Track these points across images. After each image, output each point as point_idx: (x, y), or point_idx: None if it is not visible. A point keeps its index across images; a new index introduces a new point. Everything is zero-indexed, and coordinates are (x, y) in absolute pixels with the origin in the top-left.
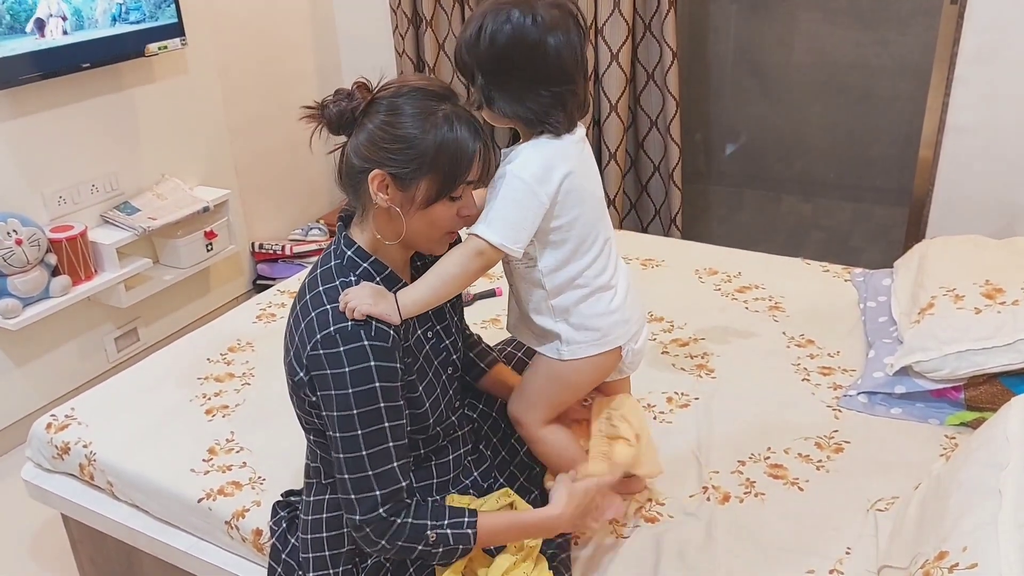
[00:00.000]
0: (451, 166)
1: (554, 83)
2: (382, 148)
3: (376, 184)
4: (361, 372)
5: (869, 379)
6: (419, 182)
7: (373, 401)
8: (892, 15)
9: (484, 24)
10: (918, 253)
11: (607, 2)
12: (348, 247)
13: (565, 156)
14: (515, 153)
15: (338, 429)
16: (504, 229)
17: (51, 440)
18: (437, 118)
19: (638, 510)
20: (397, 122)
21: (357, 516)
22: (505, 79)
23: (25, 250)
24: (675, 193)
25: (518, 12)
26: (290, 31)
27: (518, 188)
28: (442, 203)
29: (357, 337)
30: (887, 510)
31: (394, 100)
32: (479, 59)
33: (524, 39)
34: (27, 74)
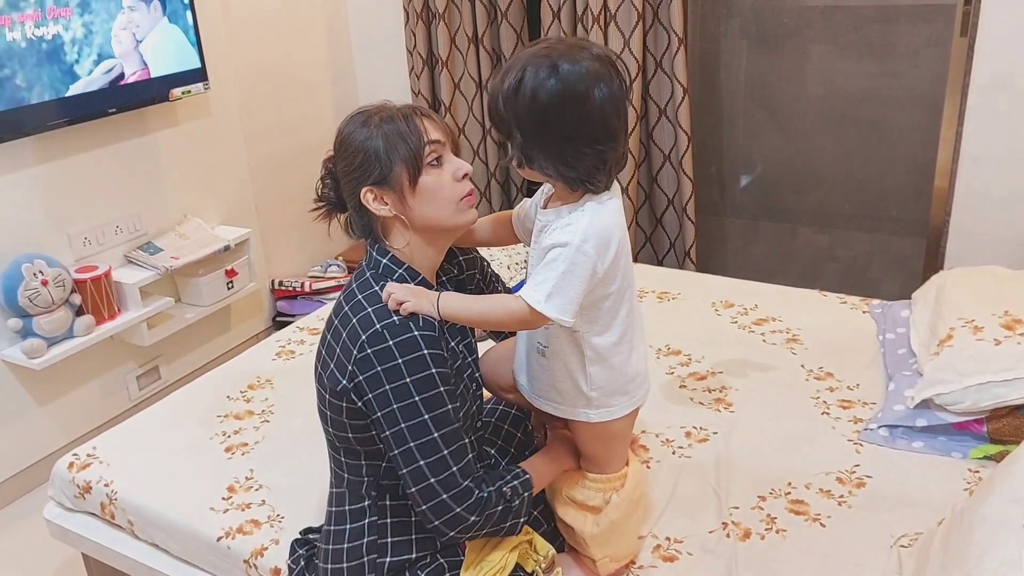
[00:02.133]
0: (407, 143)
1: (598, 141)
2: (351, 173)
3: (371, 200)
4: (415, 361)
5: (890, 412)
6: (393, 173)
7: (433, 386)
8: (903, 47)
9: (525, 76)
10: (936, 284)
11: (617, 38)
12: (382, 256)
13: (618, 227)
14: (571, 222)
15: (401, 420)
16: (564, 304)
17: (73, 479)
18: (372, 120)
19: (656, 548)
20: (346, 148)
21: (446, 496)
22: (547, 138)
23: (51, 291)
24: (688, 227)
25: (564, 64)
26: (309, 74)
27: (581, 264)
28: (425, 174)
29: (406, 328)
30: (911, 546)
31: (337, 140)
32: (518, 115)
33: (569, 95)
34: (55, 120)
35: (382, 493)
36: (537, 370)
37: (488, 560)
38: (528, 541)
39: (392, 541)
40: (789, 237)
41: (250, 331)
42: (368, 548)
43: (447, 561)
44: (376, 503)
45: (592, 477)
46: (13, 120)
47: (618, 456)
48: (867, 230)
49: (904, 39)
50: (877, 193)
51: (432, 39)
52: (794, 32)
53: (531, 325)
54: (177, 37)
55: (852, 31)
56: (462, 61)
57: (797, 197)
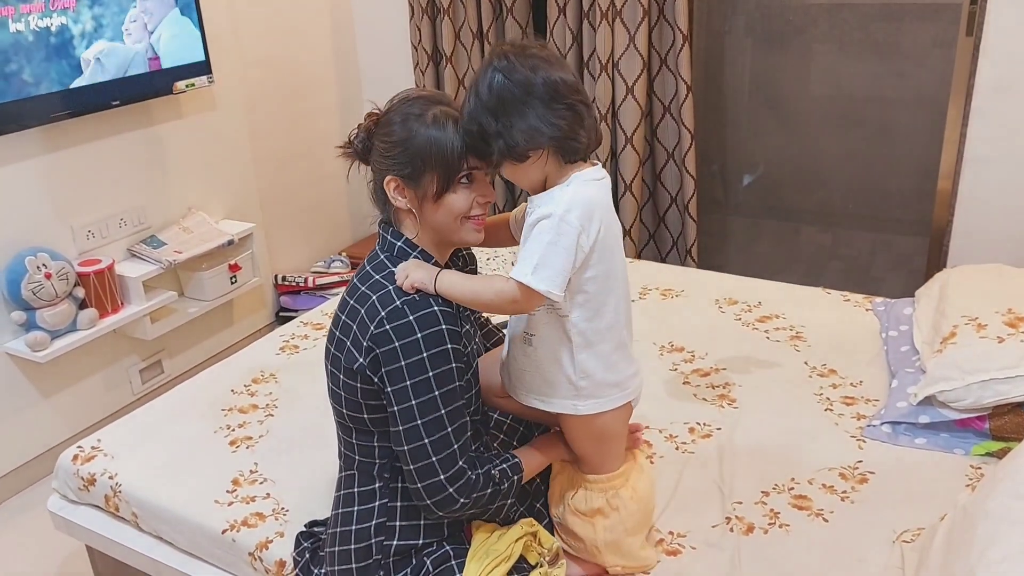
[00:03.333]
0: (446, 156)
1: (564, 95)
2: (386, 157)
3: (392, 189)
4: (433, 336)
5: (893, 409)
6: (424, 177)
7: (447, 362)
8: (908, 48)
9: (474, 89)
10: (939, 282)
11: (623, 36)
12: (396, 239)
13: (600, 203)
14: (554, 195)
15: (413, 396)
16: (551, 276)
17: (77, 472)
18: (425, 118)
19: (659, 543)
20: (391, 131)
21: (442, 476)
22: (520, 108)
23: (54, 284)
24: (691, 225)
25: (500, 60)
26: (314, 68)
27: (566, 233)
28: (453, 192)
29: (427, 304)
30: (913, 541)
31: (388, 114)
32: (487, 109)
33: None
34: (58, 112)
35: (394, 475)
36: (524, 363)
37: (493, 550)
38: (532, 534)
39: (401, 525)
40: (792, 236)
41: (253, 326)
42: (376, 530)
43: (453, 549)
44: (388, 485)
45: (591, 478)
46: (17, 112)
47: (613, 455)
48: (870, 229)
49: (909, 38)
50: (880, 193)
51: (437, 34)
52: (799, 30)
53: (521, 305)
54: (187, 29)
55: (857, 29)
56: (467, 57)
57: (800, 196)
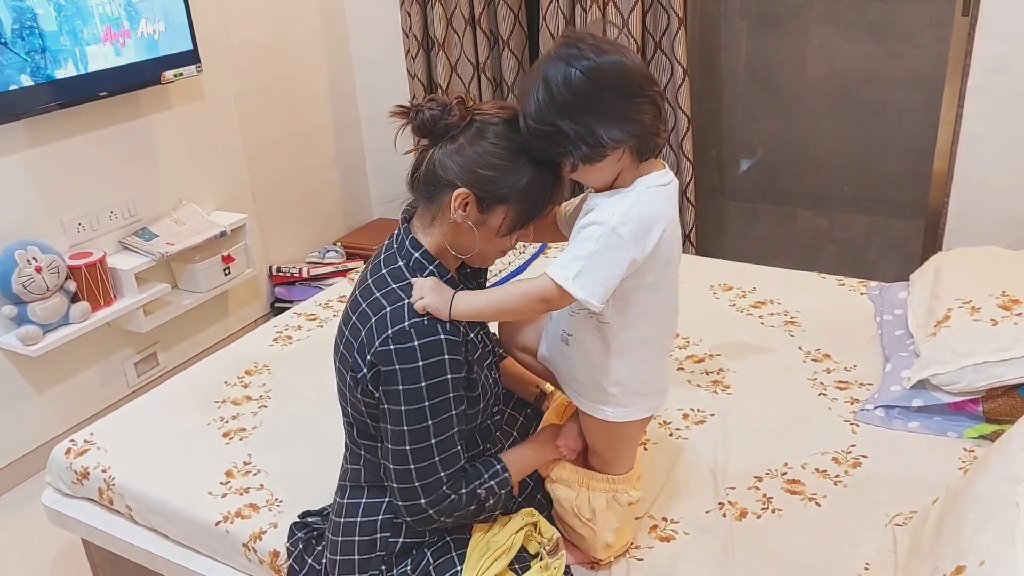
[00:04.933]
0: (532, 204)
1: (645, 87)
2: (474, 171)
3: (458, 202)
4: (435, 365)
5: (886, 393)
6: (498, 210)
7: (444, 392)
8: (903, 28)
9: (548, 79)
10: (934, 265)
11: (616, 18)
12: (415, 248)
13: (665, 216)
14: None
15: (405, 423)
16: (592, 285)
17: (71, 465)
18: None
19: (652, 528)
20: (496, 151)
21: (422, 500)
22: (601, 106)
23: (45, 277)
24: (688, 210)
25: (571, 50)
26: (305, 56)
27: (615, 247)
28: (511, 234)
29: (434, 331)
30: (905, 525)
31: (497, 128)
32: (563, 108)
33: (596, 66)
34: (45, 103)
35: None
36: (559, 357)
37: (494, 542)
38: (533, 524)
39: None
40: (788, 220)
41: (248, 317)
42: (383, 526)
43: (454, 540)
44: None
45: (598, 478)
46: (3, 103)
47: (625, 458)
48: (866, 212)
49: (905, 19)
50: (876, 175)
51: (428, 20)
52: (794, 12)
53: (552, 305)
54: (175, 17)
55: (853, 10)
56: (459, 43)
57: (796, 180)
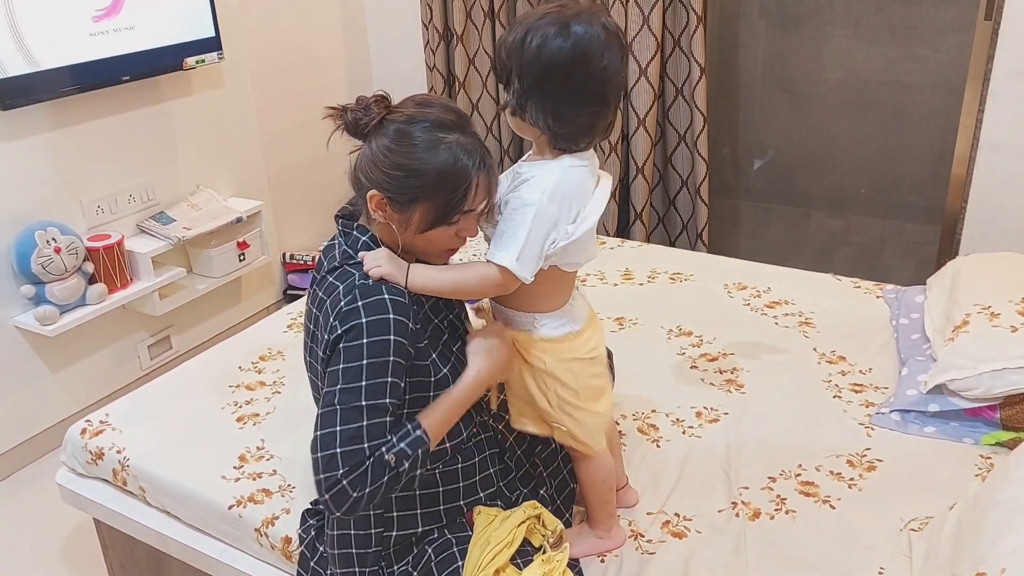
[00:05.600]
0: (448, 198)
1: (594, 104)
2: (383, 171)
3: (374, 203)
4: (378, 323)
5: (902, 397)
6: (415, 208)
7: (384, 353)
8: (924, 31)
9: (532, 32)
10: (952, 270)
11: (636, 18)
12: (363, 233)
13: (584, 186)
14: (537, 176)
15: (341, 380)
16: (530, 263)
17: (85, 445)
18: (439, 150)
19: (665, 524)
20: (400, 150)
21: (340, 471)
22: (545, 92)
23: (63, 258)
24: (702, 208)
25: (576, 26)
26: (323, 46)
27: (546, 221)
28: (439, 229)
29: (378, 291)
30: (921, 530)
31: (402, 127)
32: (521, 66)
33: (576, 57)
34: (68, 86)
35: None
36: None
37: (495, 536)
38: (536, 516)
39: (397, 515)
40: (802, 221)
41: (261, 303)
42: (375, 521)
43: (455, 536)
44: None
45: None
46: (26, 85)
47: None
48: (882, 215)
49: (926, 22)
50: (893, 179)
51: (448, 12)
52: (814, 12)
53: (505, 288)
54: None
55: (873, 12)
56: (477, 36)
57: (812, 181)
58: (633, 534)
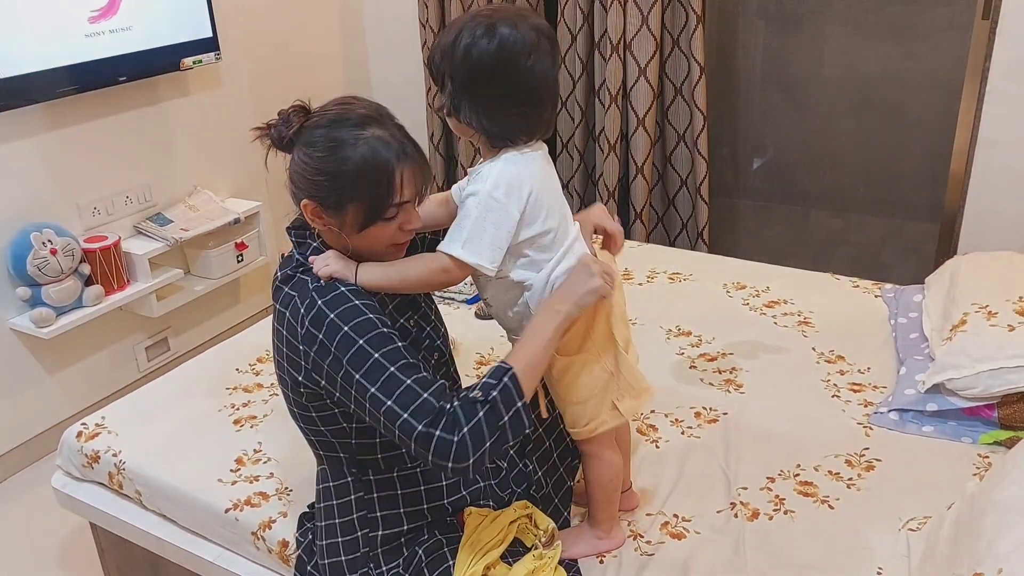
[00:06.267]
0: (374, 192)
1: (524, 104)
2: (306, 179)
3: (308, 212)
4: (348, 311)
5: (900, 396)
6: (346, 210)
7: (373, 328)
8: (923, 29)
9: (461, 34)
10: (950, 269)
11: (635, 17)
12: (313, 239)
13: (531, 176)
14: (482, 172)
15: (356, 370)
16: (480, 249)
17: (81, 449)
18: (356, 148)
19: (664, 525)
20: (318, 155)
21: (420, 427)
22: (476, 92)
23: (59, 260)
24: (702, 207)
25: (502, 28)
26: (321, 45)
27: (492, 208)
28: (377, 226)
29: (333, 287)
30: (919, 530)
31: (315, 131)
32: (452, 67)
33: (501, 57)
34: (64, 87)
35: (363, 469)
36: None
37: (486, 534)
38: (528, 516)
39: (381, 515)
40: (802, 220)
41: (259, 305)
42: (360, 523)
43: (445, 537)
44: (359, 478)
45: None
46: (22, 86)
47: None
48: (881, 214)
49: (924, 21)
50: (891, 177)
51: (445, 12)
52: (813, 11)
53: (452, 276)
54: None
55: (872, 11)
56: None
57: (811, 180)
58: (632, 535)
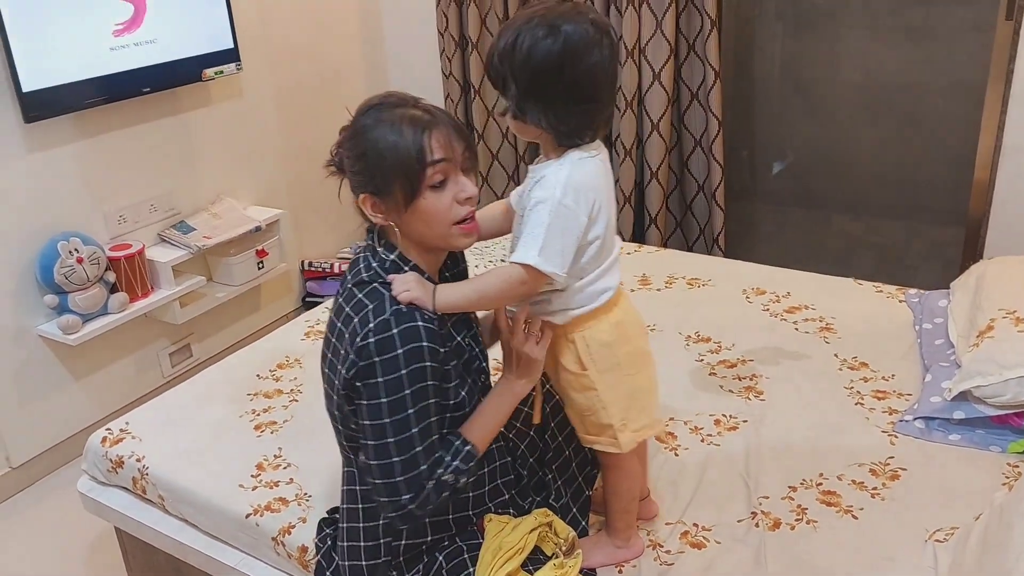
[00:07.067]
0: (406, 157)
1: (589, 99)
2: (353, 174)
3: (367, 207)
4: (414, 352)
5: (926, 404)
6: (392, 186)
7: (423, 379)
8: (943, 33)
9: (521, 35)
10: (976, 274)
11: (650, 22)
12: (390, 251)
13: (596, 181)
14: (548, 178)
15: (387, 414)
16: (554, 256)
17: (106, 454)
18: (380, 125)
19: (684, 534)
20: (352, 145)
21: (404, 496)
22: (541, 92)
23: (86, 268)
24: (717, 213)
25: (564, 26)
26: (341, 55)
27: (563, 215)
28: (424, 196)
29: (412, 318)
30: (946, 541)
31: (350, 132)
32: (514, 69)
33: (565, 55)
34: (91, 98)
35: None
36: None
37: (507, 542)
38: (548, 524)
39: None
40: (821, 224)
41: (280, 311)
42: (384, 530)
43: (465, 544)
44: None
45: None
46: (51, 98)
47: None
48: (903, 218)
49: (945, 23)
50: (914, 182)
51: (463, 21)
52: (830, 15)
53: (530, 287)
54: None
55: (890, 14)
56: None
57: (831, 184)
58: (651, 544)
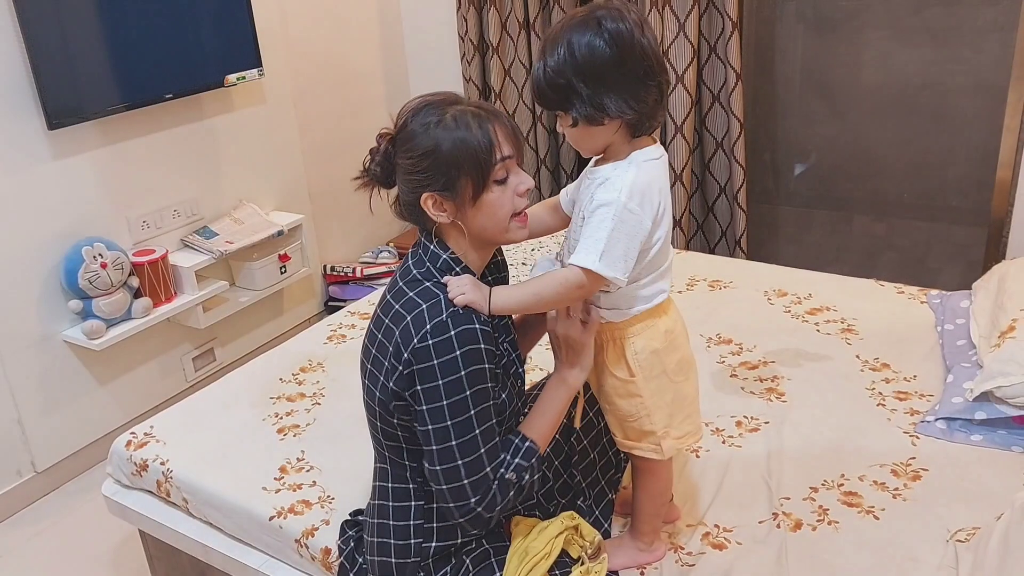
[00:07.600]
0: (476, 155)
1: (656, 74)
2: (415, 174)
3: (431, 206)
4: (472, 353)
5: (948, 404)
6: (459, 183)
7: (482, 380)
8: (965, 32)
9: (571, 42)
10: (998, 274)
11: (672, 25)
12: (442, 250)
13: (660, 184)
14: (613, 180)
15: (448, 417)
16: (615, 262)
17: (130, 457)
18: (445, 123)
19: (705, 536)
20: (414, 145)
21: (472, 499)
22: (614, 81)
23: (110, 273)
24: (739, 215)
25: (606, 21)
26: (361, 60)
27: (627, 219)
28: (489, 191)
29: (470, 320)
30: (967, 541)
31: (404, 130)
32: (579, 73)
33: (622, 43)
34: (115, 105)
35: (427, 479)
36: None
37: (533, 547)
38: (574, 527)
39: (438, 526)
40: (844, 226)
41: (302, 315)
42: (415, 531)
43: (492, 547)
44: (422, 488)
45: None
46: (75, 104)
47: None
48: (925, 219)
49: (967, 23)
50: (936, 182)
51: (483, 25)
52: (852, 16)
53: (588, 291)
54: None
55: (912, 14)
56: (513, 47)
57: (853, 185)
58: (673, 546)
